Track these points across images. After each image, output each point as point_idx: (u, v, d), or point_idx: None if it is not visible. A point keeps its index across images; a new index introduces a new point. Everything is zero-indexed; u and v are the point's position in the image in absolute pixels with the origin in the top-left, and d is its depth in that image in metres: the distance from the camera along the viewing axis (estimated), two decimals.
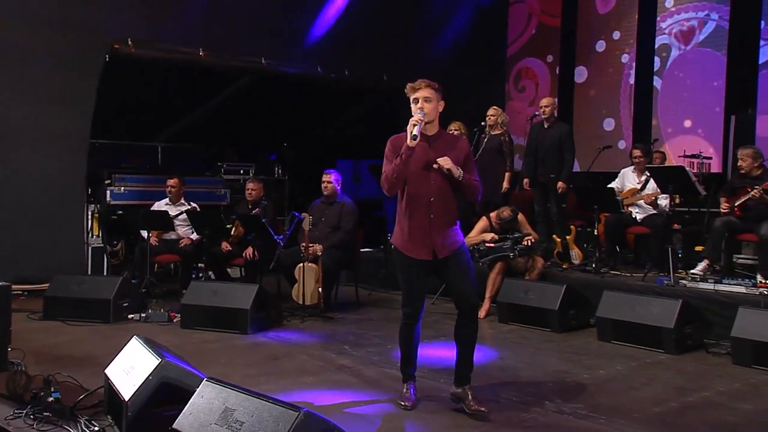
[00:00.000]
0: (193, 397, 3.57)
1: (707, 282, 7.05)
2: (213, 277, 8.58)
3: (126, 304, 7.17)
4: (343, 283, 8.65)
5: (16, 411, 4.50)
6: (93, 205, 9.06)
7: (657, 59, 11.55)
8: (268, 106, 11.52)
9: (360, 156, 12.63)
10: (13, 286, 8.11)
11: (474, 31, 12.59)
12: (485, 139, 9.03)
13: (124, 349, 4.61)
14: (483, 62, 12.81)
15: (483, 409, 4.45)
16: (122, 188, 9.34)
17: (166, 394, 3.92)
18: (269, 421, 3.14)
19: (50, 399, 4.52)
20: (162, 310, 7.34)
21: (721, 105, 10.72)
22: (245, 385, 5.00)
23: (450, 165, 4.39)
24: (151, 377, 3.88)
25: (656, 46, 11.57)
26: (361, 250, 8.87)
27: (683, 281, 7.17)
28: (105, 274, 9.04)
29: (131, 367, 4.24)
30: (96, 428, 4.17)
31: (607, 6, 12.11)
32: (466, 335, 4.61)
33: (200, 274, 8.82)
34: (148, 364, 4.05)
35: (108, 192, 9.24)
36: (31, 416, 4.38)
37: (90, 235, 8.99)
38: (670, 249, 7.40)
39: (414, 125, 4.26)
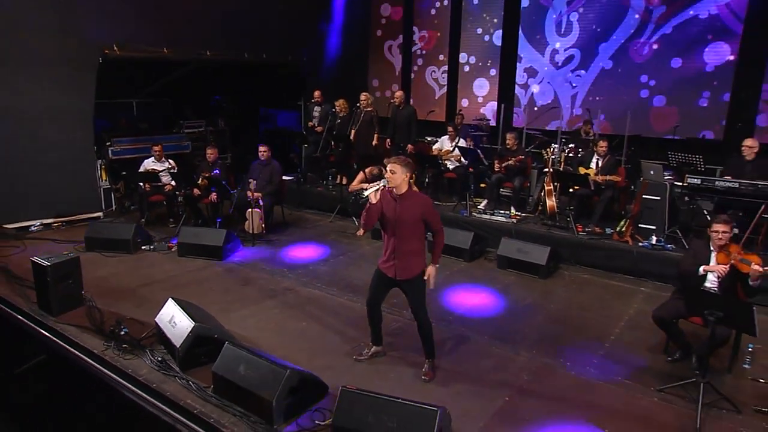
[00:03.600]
0: (220, 354, 4.07)
1: (486, 214, 7.91)
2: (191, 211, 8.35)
3: (139, 240, 7.32)
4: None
5: (105, 344, 4.77)
6: (100, 160, 8.87)
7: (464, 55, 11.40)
8: (212, 78, 11.26)
9: (276, 107, 12.63)
10: (54, 219, 8.31)
11: (354, 31, 12.22)
12: (362, 114, 9.20)
13: (165, 305, 4.84)
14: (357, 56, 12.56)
15: (426, 377, 4.32)
16: (119, 147, 9.21)
17: (199, 341, 4.42)
18: (269, 374, 3.75)
19: (122, 333, 4.84)
20: (163, 243, 7.47)
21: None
22: (228, 311, 5.45)
23: (432, 282, 4.24)
24: (190, 334, 4.36)
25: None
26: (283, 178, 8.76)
27: (474, 213, 7.95)
28: (113, 206, 9.00)
29: (174, 322, 4.60)
30: (159, 358, 4.52)
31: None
32: (423, 334, 4.34)
33: (180, 205, 8.56)
34: (186, 323, 4.47)
35: (109, 150, 9.12)
36: (117, 348, 4.69)
37: (100, 180, 8.85)
38: (468, 194, 8.17)
39: (372, 189, 3.98)
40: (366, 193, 4.03)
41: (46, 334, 5.10)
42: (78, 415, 4.89)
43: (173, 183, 8.43)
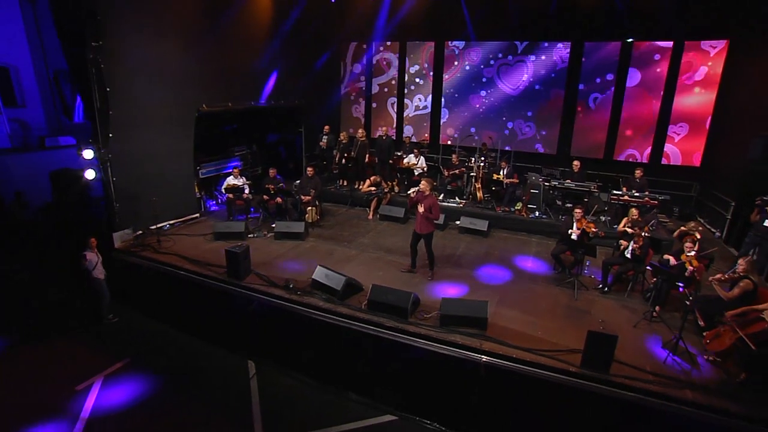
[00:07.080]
0: (371, 290, 5.97)
1: (444, 202, 9.99)
2: (262, 210, 9.37)
3: (247, 231, 8.65)
4: None
5: (286, 292, 6.33)
6: (195, 178, 9.91)
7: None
8: (245, 116, 12.36)
9: (283, 132, 13.76)
10: (174, 220, 9.38)
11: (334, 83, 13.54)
12: (359, 144, 10.92)
13: (316, 269, 6.43)
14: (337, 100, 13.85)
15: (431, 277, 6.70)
16: (205, 169, 10.31)
17: (348, 286, 6.22)
18: (401, 297, 5.73)
19: (291, 286, 6.57)
20: (261, 231, 8.77)
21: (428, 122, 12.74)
22: (338, 269, 6.78)
23: (422, 210, 6.46)
24: (344, 282, 6.17)
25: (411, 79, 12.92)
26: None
27: (442, 202, 10.05)
28: (201, 208, 10.11)
29: (329, 277, 6.28)
30: (324, 296, 6.33)
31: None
32: (430, 260, 6.74)
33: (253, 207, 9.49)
34: (338, 277, 6.18)
35: (199, 172, 10.20)
36: (295, 293, 6.34)
37: (195, 192, 9.93)
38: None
39: (414, 191, 6.27)
40: (409, 193, 6.22)
41: (248, 292, 6.74)
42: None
43: (246, 191, 9.78)
